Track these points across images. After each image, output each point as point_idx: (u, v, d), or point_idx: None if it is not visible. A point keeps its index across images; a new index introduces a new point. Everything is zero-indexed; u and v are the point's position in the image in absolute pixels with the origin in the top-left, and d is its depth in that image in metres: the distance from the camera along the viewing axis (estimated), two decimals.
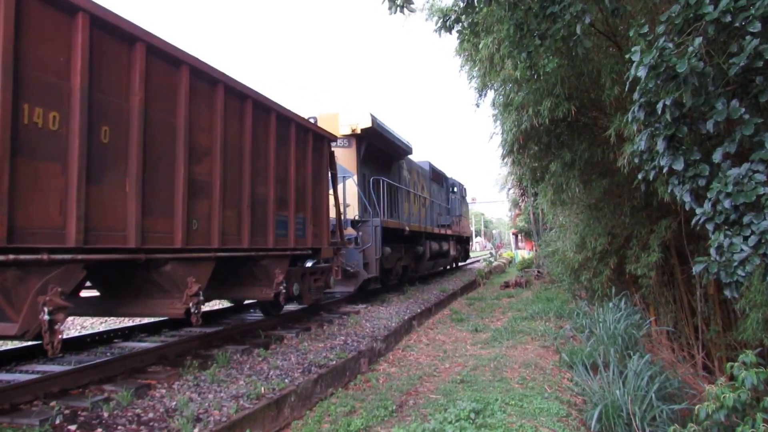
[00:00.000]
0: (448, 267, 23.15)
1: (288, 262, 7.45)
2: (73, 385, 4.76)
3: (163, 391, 4.78)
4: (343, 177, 10.94)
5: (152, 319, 9.10)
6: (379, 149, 12.91)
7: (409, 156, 15.69)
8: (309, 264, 8.38)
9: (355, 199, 11.65)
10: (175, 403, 4.42)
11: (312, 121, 10.00)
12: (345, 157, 11.48)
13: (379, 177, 12.47)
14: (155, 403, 4.43)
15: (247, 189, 6.34)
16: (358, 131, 11.38)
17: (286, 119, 7.43)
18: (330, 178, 9.20)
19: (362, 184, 11.95)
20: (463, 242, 24.85)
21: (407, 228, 13.59)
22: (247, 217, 6.33)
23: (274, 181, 6.99)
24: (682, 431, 3.78)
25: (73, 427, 3.83)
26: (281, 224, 7.23)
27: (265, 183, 6.85)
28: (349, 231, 10.86)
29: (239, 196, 6.24)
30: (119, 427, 3.89)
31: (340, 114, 11.45)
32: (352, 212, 11.55)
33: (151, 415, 4.16)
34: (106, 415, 4.08)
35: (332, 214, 9.42)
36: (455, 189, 22.65)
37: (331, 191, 9.31)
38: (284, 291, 7.22)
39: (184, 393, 4.71)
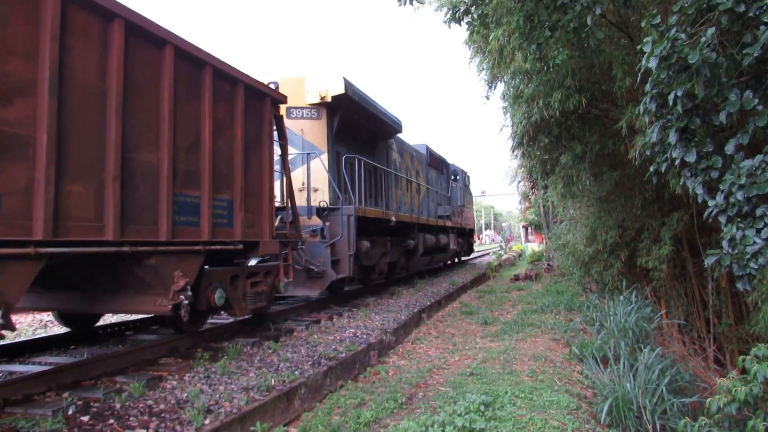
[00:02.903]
0: (449, 262, 21.47)
1: (201, 261, 5.57)
2: (86, 376, 4.81)
3: (174, 382, 4.83)
4: (309, 154, 9.34)
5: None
6: (359, 123, 10.89)
7: (402, 137, 13.89)
8: (253, 262, 6.76)
9: (324, 183, 9.55)
10: (186, 394, 4.47)
11: (272, 86, 8.27)
12: (313, 131, 9.62)
13: (356, 156, 10.38)
14: (166, 394, 4.48)
15: (115, 152, 4.40)
16: (329, 99, 9.38)
17: (194, 60, 5.44)
18: (280, 150, 7.45)
19: (335, 165, 9.94)
20: (466, 235, 22.88)
21: (394, 218, 11.71)
22: (114, 194, 4.38)
23: (171, 146, 5.06)
24: (693, 424, 3.77)
25: (85, 418, 3.88)
26: (187, 207, 5.35)
27: (155, 147, 4.95)
28: (315, 221, 9.08)
29: (98, 163, 4.32)
30: (131, 418, 3.94)
31: (307, 78, 9.52)
32: (322, 198, 9.53)
33: (162, 406, 4.20)
34: (118, 406, 4.13)
35: (302, 200, 8.10)
36: (457, 176, 20.35)
37: (289, 170, 7.66)
38: (187, 302, 5.23)
39: (194, 385, 4.75)
